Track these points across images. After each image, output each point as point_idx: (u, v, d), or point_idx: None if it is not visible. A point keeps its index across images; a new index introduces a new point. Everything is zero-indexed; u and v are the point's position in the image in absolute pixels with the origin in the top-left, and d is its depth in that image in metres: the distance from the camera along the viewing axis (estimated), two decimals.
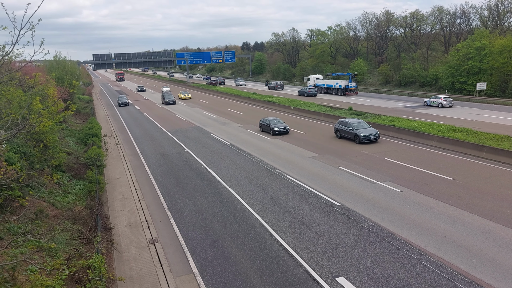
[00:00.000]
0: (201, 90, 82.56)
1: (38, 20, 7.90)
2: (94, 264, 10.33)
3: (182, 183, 21.15)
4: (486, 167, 21.58)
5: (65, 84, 39.25)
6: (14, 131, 9.16)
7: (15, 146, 17.31)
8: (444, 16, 76.20)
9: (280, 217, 16.04)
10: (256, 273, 12.07)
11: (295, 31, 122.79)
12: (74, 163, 22.74)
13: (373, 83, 78.23)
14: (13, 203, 13.95)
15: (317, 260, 12.55)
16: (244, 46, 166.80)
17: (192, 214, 16.88)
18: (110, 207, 18.16)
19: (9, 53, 8.87)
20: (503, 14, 67.31)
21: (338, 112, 41.99)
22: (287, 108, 47.67)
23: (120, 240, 14.76)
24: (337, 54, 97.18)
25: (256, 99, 57.57)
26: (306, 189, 19.15)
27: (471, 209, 15.93)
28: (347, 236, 14.14)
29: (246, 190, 19.40)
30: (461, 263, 12.03)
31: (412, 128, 29.89)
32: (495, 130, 29.45)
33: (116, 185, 21.48)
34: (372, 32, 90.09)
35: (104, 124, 41.67)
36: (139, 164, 25.70)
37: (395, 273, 11.63)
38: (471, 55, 55.75)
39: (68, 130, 33.72)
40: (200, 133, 35.08)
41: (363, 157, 24.61)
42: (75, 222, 15.19)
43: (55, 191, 17.96)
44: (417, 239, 13.61)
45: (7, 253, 10.73)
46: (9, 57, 13.85)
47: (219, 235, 14.79)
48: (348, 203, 17.11)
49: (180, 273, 12.41)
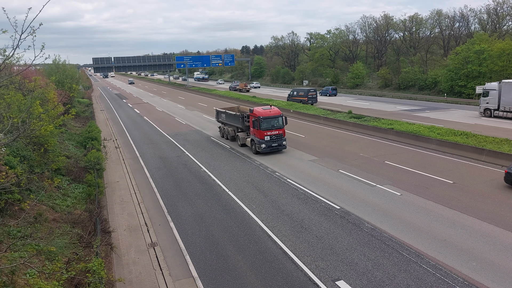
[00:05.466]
0: (201, 94, 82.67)
1: (39, 25, 7.94)
2: (93, 268, 10.30)
3: (182, 187, 21.14)
4: (485, 170, 21.60)
5: (65, 87, 39.32)
6: (14, 135, 9.18)
7: (14, 150, 17.30)
8: (443, 19, 76.49)
9: (279, 220, 16.03)
10: (255, 276, 12.06)
11: (294, 34, 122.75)
12: (74, 166, 22.73)
13: (373, 86, 78.36)
14: (13, 207, 13.95)
15: (317, 264, 12.54)
16: (243, 50, 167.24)
17: (191, 218, 16.87)
18: (110, 211, 18.14)
19: (10, 57, 8.90)
20: (502, 17, 67.58)
21: (338, 115, 42.04)
22: (286, 111, 47.72)
23: (119, 243, 14.74)
24: (336, 57, 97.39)
25: (256, 102, 57.65)
26: (305, 193, 19.15)
27: (471, 212, 15.94)
28: (347, 239, 14.14)
29: (245, 194, 19.40)
30: (461, 266, 12.03)
31: (412, 132, 29.94)
32: (494, 134, 29.50)
33: (115, 188, 21.47)
34: (371, 35, 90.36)
35: (104, 127, 41.68)
36: (139, 168, 25.70)
37: (395, 277, 11.62)
38: (470, 59, 55.89)
39: (68, 134, 33.72)
40: (199, 136, 35.09)
41: (362, 160, 24.62)
42: (74, 226, 15.17)
43: (54, 194, 17.94)
44: (417, 243, 13.60)
45: (6, 256, 10.71)
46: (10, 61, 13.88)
47: (219, 238, 14.77)
48: (348, 207, 17.10)
49: (180, 276, 12.39)
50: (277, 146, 26.85)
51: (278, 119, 26.98)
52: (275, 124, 26.79)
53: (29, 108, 12.03)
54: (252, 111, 27.51)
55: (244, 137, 29.41)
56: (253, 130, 27.22)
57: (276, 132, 26.73)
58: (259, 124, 26.32)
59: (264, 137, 26.35)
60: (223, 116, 33.06)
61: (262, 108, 27.75)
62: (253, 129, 27.19)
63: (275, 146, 26.78)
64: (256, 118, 26.64)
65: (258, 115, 26.51)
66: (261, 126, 26.31)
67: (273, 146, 26.64)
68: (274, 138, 26.66)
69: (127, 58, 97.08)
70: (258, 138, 26.60)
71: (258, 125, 26.36)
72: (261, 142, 26.35)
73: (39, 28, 7.80)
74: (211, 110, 54.52)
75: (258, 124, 26.31)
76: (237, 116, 30.03)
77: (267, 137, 26.42)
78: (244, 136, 29.43)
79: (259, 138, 26.54)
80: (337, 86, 78.35)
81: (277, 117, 26.84)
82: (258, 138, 26.60)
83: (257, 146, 26.64)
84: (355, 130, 34.78)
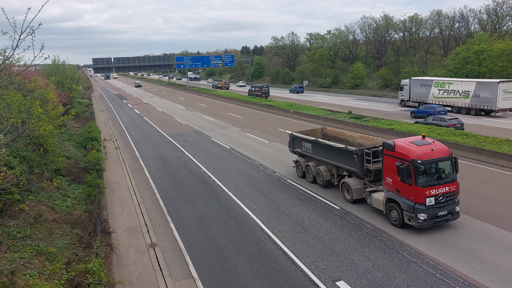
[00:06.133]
0: (201, 94, 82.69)
1: (39, 25, 7.93)
2: (93, 269, 10.30)
3: (182, 187, 21.14)
4: (485, 171, 21.60)
5: (65, 88, 39.31)
6: (14, 136, 9.17)
7: (14, 150, 17.29)
8: (443, 20, 76.53)
9: (279, 221, 16.02)
10: (255, 277, 12.05)
11: (294, 35, 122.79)
12: (74, 167, 22.73)
13: (372, 86, 78.38)
14: (13, 207, 13.94)
15: (317, 264, 12.53)
16: (243, 50, 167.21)
17: (191, 218, 16.86)
18: (110, 211, 18.13)
19: (9, 58, 8.90)
20: (501, 18, 67.61)
21: (338, 115, 42.05)
22: (286, 112, 47.73)
23: (119, 244, 14.73)
24: (336, 58, 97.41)
25: (255, 102, 57.65)
26: (305, 193, 19.14)
27: (471, 212, 15.93)
28: (347, 240, 14.13)
29: (245, 194, 19.39)
30: (461, 267, 12.02)
31: (412, 132, 29.93)
32: (494, 134, 29.51)
33: (115, 189, 21.46)
34: (371, 36, 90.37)
35: (104, 128, 41.67)
36: (139, 168, 25.69)
37: (395, 277, 11.62)
38: (470, 59, 55.92)
39: (68, 134, 33.72)
40: (199, 137, 35.09)
41: None
42: (74, 226, 15.16)
43: (54, 195, 17.93)
44: (417, 243, 13.60)
45: (6, 257, 10.70)
46: (9, 61, 13.87)
47: (219, 239, 14.76)
48: (348, 207, 17.09)
49: (180, 277, 12.38)
50: (447, 215, 14.51)
51: (448, 164, 14.87)
52: (444, 173, 14.73)
53: (29, 108, 12.02)
54: (392, 146, 15.01)
55: (360, 189, 17.21)
56: (396, 181, 14.75)
57: (446, 188, 14.40)
58: (415, 175, 14.04)
59: (425, 199, 14.07)
60: (307, 146, 20.75)
61: (411, 141, 15.04)
62: (396, 180, 14.70)
63: (443, 217, 14.43)
64: (406, 164, 14.23)
65: (410, 156, 14.22)
66: (418, 178, 14.10)
67: (440, 216, 14.32)
68: (442, 200, 14.32)
69: (127, 58, 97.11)
70: (409, 201, 14.33)
71: (412, 176, 14.09)
72: (419, 209, 14.04)
73: (38, 28, 7.80)
74: (211, 110, 54.56)
75: (411, 173, 14.09)
76: (345, 152, 17.75)
77: (429, 198, 14.11)
78: (362, 188, 17.21)
79: (413, 199, 14.23)
80: (337, 86, 78.51)
81: (446, 159, 14.71)
82: (409, 201, 14.33)
83: (406, 215, 14.44)
84: (354, 130, 34.70)
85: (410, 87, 49.42)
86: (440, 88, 45.73)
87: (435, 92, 46.08)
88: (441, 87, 45.58)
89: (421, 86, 48.02)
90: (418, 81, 48.66)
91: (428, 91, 46.79)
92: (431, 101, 45.72)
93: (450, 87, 44.30)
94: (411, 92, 49.27)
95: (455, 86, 43.71)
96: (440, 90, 45.67)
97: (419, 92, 48.13)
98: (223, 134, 35.75)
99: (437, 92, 45.84)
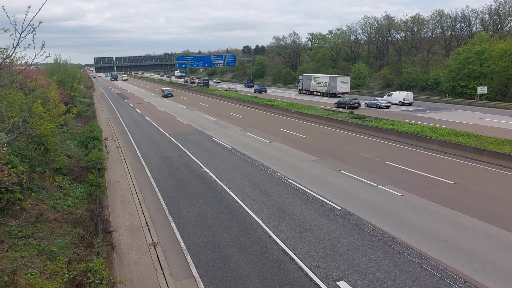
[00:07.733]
0: (202, 94, 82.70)
1: (39, 23, 7.92)
2: (94, 268, 10.29)
3: (183, 187, 21.13)
4: (487, 171, 21.55)
5: (67, 87, 39.31)
6: (15, 134, 9.17)
7: (16, 149, 17.32)
8: (445, 20, 76.40)
9: (281, 220, 16.01)
10: (257, 277, 12.04)
11: (296, 34, 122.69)
12: (75, 166, 22.74)
13: (374, 86, 78.27)
14: (14, 206, 13.95)
15: (318, 264, 12.51)
16: (245, 50, 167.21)
17: (193, 218, 16.85)
18: (111, 211, 18.14)
19: (10, 56, 8.90)
20: (503, 18, 67.44)
21: (339, 115, 42.01)
22: (288, 111, 47.72)
23: (120, 243, 14.73)
24: (338, 57, 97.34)
25: (257, 102, 57.64)
26: (307, 193, 19.12)
27: (473, 213, 15.89)
28: (348, 240, 14.11)
29: (247, 194, 19.38)
30: (462, 267, 11.99)
31: (413, 132, 29.89)
32: (496, 134, 29.44)
33: (116, 188, 21.47)
34: (373, 36, 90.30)
35: (105, 127, 41.70)
36: (140, 167, 25.70)
37: (397, 278, 11.59)
38: (471, 59, 55.80)
39: (69, 133, 33.75)
40: (201, 137, 35.08)
41: (364, 160, 24.58)
42: (75, 226, 15.17)
43: (55, 194, 17.95)
44: (419, 243, 13.57)
45: (7, 256, 10.70)
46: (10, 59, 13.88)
47: (220, 238, 14.75)
48: (349, 207, 17.07)
49: (181, 277, 12.37)
50: None
51: None
52: None
53: (31, 107, 12.03)
54: None
55: None
56: None
57: None
58: None
59: None
60: None
61: None
62: None
63: None
64: None
65: None
66: None
67: None
68: None
69: (129, 58, 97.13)
70: None
71: None
72: None
73: (39, 26, 7.79)
74: (212, 110, 54.57)
75: None
76: None
77: None
78: None
79: None
80: None
81: None
82: None
83: None
84: (356, 130, 34.75)
85: (302, 81, 73.55)
86: (314, 80, 69.03)
87: (313, 84, 69.45)
88: (314, 80, 69.11)
89: (307, 79, 71.67)
90: (306, 77, 72.79)
91: (310, 83, 70.28)
92: (312, 90, 69.88)
93: (319, 80, 67.69)
94: (302, 84, 73.29)
95: (321, 80, 67.10)
96: (315, 82, 68.75)
97: (306, 83, 71.75)
98: (224, 134, 35.75)
99: (314, 83, 69.19)
